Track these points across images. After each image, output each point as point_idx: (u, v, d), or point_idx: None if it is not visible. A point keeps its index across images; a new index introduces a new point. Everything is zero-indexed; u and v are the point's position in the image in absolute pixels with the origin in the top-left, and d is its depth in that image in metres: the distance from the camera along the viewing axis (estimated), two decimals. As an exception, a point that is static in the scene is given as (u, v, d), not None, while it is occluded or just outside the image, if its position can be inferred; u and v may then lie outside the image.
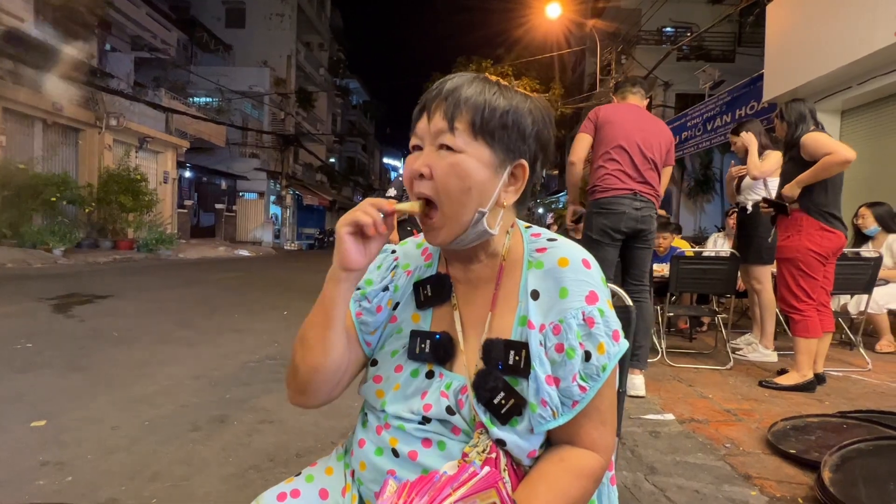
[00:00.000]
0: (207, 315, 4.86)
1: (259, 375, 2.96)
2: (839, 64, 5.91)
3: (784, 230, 2.87)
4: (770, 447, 2.00)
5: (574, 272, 0.70)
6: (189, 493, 1.63)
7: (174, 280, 7.88)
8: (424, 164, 0.69)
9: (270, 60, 22.68)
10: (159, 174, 15.37)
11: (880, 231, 3.92)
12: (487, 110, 0.68)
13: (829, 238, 2.74)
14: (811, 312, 2.76)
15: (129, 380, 2.79)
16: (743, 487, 1.71)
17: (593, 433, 0.69)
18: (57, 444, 1.95)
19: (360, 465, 0.77)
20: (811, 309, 2.76)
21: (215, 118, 18.52)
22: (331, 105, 31.66)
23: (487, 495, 0.58)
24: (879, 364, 3.37)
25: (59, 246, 9.80)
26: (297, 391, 0.76)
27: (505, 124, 0.69)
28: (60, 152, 12.07)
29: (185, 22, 19.61)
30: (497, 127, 0.69)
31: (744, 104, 9.27)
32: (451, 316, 0.77)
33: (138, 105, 13.74)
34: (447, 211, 0.69)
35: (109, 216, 12.16)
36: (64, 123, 11.99)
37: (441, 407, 0.71)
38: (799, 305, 2.78)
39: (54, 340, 3.63)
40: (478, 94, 0.69)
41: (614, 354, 0.68)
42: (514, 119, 0.70)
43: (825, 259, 2.77)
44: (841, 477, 1.59)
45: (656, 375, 3.08)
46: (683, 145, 11.83)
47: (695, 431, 2.20)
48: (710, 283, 3.54)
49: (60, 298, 5.38)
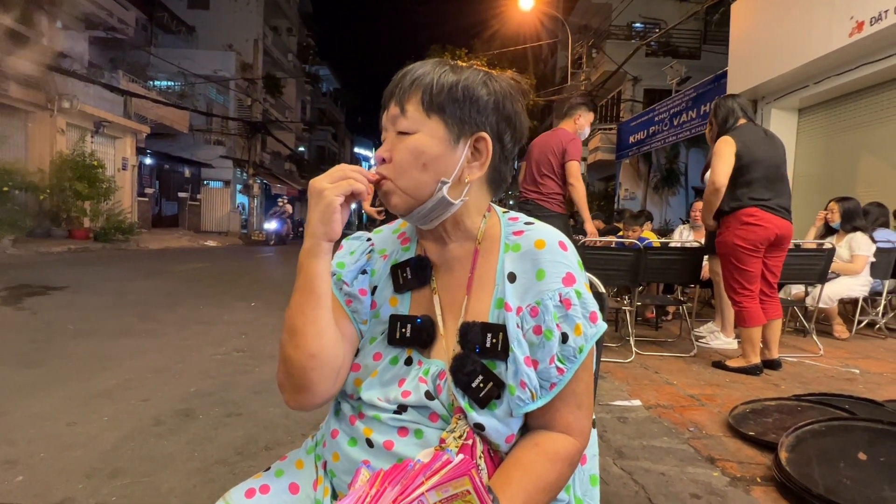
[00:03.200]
0: (170, 307, 4.69)
1: (226, 368, 2.88)
2: (797, 63, 6.16)
3: (719, 227, 2.99)
4: (731, 430, 2.08)
5: (551, 254, 0.70)
6: (152, 489, 1.57)
7: (134, 271, 7.56)
8: (385, 150, 0.72)
9: (236, 44, 21.86)
10: (118, 160, 14.64)
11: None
12: (436, 87, 0.70)
13: (752, 230, 2.78)
14: (748, 303, 2.87)
15: (87, 374, 2.66)
16: (706, 469, 1.78)
17: (569, 417, 0.69)
18: (5, 443, 1.84)
19: (333, 457, 0.75)
20: (748, 299, 2.87)
21: (178, 103, 17.75)
22: (300, 92, 30.86)
23: (461, 483, 0.57)
24: (830, 350, 3.56)
25: (7, 235, 9.25)
26: (294, 389, 0.70)
27: (455, 98, 0.70)
28: (9, 136, 11.34)
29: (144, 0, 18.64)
30: (447, 101, 0.70)
31: (708, 100, 9.55)
32: (430, 299, 0.76)
33: (93, 87, 13.00)
34: (402, 185, 0.70)
35: (63, 204, 11.50)
36: (11, 105, 11.25)
37: (420, 393, 0.70)
38: (736, 297, 2.91)
39: (3, 334, 3.43)
40: (426, 74, 0.71)
41: (591, 336, 0.68)
42: (464, 91, 0.70)
43: (754, 251, 2.81)
44: (796, 456, 1.67)
45: (624, 364, 3.16)
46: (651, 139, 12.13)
47: (660, 416, 2.27)
48: (675, 273, 3.64)
49: (9, 290, 5.08)
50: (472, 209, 0.75)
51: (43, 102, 11.81)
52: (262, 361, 3.02)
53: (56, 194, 11.36)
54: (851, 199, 4.11)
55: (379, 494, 0.60)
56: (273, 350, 3.30)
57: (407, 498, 0.57)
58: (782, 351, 3.52)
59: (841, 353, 3.56)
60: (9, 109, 11.35)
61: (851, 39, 5.34)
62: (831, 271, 3.67)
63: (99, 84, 13.07)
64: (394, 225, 0.87)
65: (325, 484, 0.76)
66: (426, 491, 0.57)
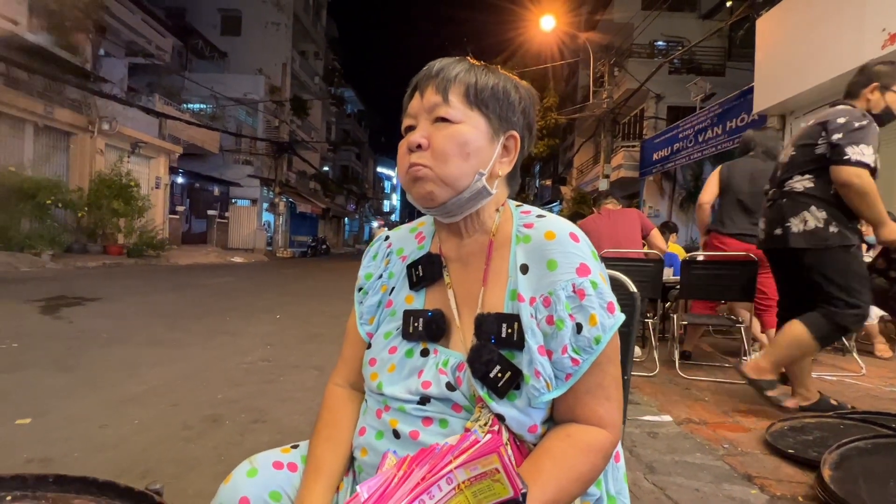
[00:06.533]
0: (198, 318, 4.79)
1: (252, 377, 2.91)
2: (827, 77, 6.03)
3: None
4: (768, 447, 1.99)
5: (561, 245, 0.69)
6: (180, 490, 1.59)
7: (164, 284, 7.78)
8: (422, 136, 0.70)
9: (266, 68, 22.69)
10: (151, 179, 15.23)
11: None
12: (479, 83, 0.72)
13: (716, 249, 3.30)
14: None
15: (118, 380, 2.73)
16: (743, 486, 1.70)
17: (599, 409, 0.68)
18: (43, 442, 1.89)
19: (362, 452, 0.75)
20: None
21: (209, 124, 18.44)
22: (325, 113, 31.71)
23: (489, 461, 0.56)
24: (872, 369, 3.39)
25: (47, 250, 9.66)
26: None
27: (496, 96, 0.73)
28: (51, 156, 11.94)
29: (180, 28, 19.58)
30: (489, 98, 0.72)
31: (735, 116, 9.42)
32: (444, 294, 0.76)
33: (131, 110, 13.65)
34: (442, 172, 0.69)
35: (100, 221, 12.00)
36: (56, 127, 11.88)
37: (441, 384, 0.70)
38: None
39: (41, 341, 3.55)
40: (467, 71, 0.72)
41: (609, 327, 0.67)
42: (503, 91, 0.73)
43: None
44: (841, 475, 1.58)
45: (652, 378, 3.07)
46: (675, 156, 11.99)
47: (693, 432, 2.19)
48: (724, 289, 3.24)
49: (48, 300, 5.28)
50: (491, 203, 0.76)
51: (84, 125, 12.44)
52: (287, 371, 3.05)
53: (94, 212, 11.85)
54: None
55: (406, 475, 0.60)
56: (297, 360, 3.33)
57: (435, 476, 0.57)
58: (821, 370, 3.38)
59: (884, 371, 3.39)
60: (53, 131, 11.98)
61: (884, 51, 5.21)
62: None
63: (136, 107, 13.71)
64: (412, 224, 0.88)
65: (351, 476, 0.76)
66: (454, 469, 0.56)
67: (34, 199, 10.02)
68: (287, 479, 0.74)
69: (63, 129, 12.14)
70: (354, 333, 0.83)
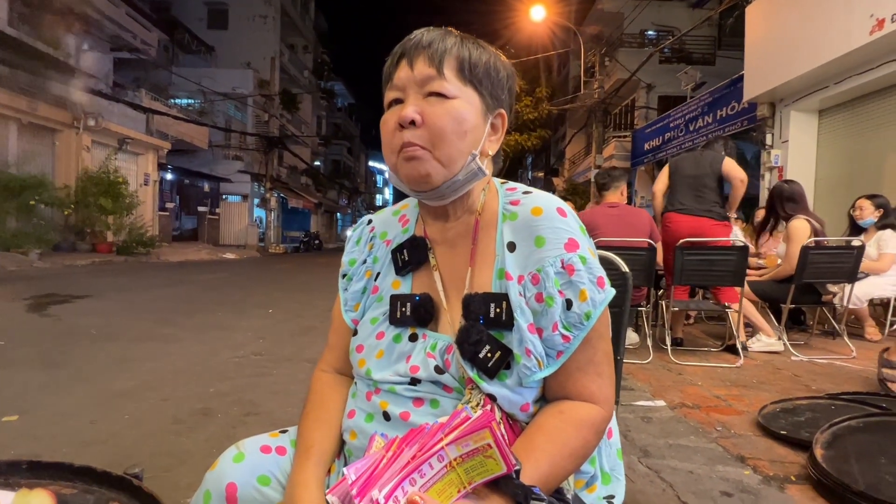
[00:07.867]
0: (190, 313, 4.74)
1: (244, 370, 2.89)
2: (816, 64, 6.06)
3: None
4: (761, 429, 2.00)
5: (549, 220, 0.68)
6: (172, 483, 1.57)
7: (155, 281, 7.70)
8: (415, 111, 0.65)
9: (254, 62, 22.39)
10: (140, 176, 15.03)
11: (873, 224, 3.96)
12: (473, 58, 0.69)
13: (665, 228, 3.68)
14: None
15: (108, 375, 2.70)
16: (736, 467, 1.71)
17: (591, 386, 0.67)
18: (30, 438, 1.86)
19: (351, 435, 0.73)
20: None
21: (198, 120, 18.23)
22: (315, 108, 31.43)
23: (481, 436, 0.54)
24: (862, 351, 3.42)
25: (34, 249, 9.52)
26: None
27: (489, 73, 0.70)
28: (37, 154, 11.73)
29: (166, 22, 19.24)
30: (483, 74, 0.69)
31: (725, 105, 9.45)
32: (431, 278, 0.74)
33: (118, 106, 13.44)
34: (440, 153, 0.66)
35: (88, 219, 11.83)
36: (40, 124, 11.67)
37: (429, 368, 0.68)
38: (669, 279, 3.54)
39: (29, 338, 3.50)
40: (459, 45, 0.69)
41: (599, 302, 0.65)
42: (494, 68, 0.71)
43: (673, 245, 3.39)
44: (833, 453, 1.59)
45: (645, 365, 3.08)
46: (667, 146, 12.02)
47: (686, 416, 2.20)
48: (717, 275, 3.31)
49: (36, 299, 5.21)
50: (479, 183, 0.73)
51: (69, 121, 12.22)
52: (280, 364, 3.03)
53: (81, 209, 11.69)
54: (881, 196, 3.99)
55: (395, 455, 0.58)
56: (290, 353, 3.31)
57: (425, 454, 0.55)
58: (812, 353, 3.42)
59: (874, 353, 3.39)
60: (37, 128, 11.76)
61: (872, 37, 5.23)
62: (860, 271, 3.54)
63: (123, 102, 13.51)
64: (395, 206, 0.85)
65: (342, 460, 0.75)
66: (445, 445, 0.55)
67: (19, 197, 9.85)
68: (275, 463, 0.72)
69: (48, 126, 11.93)
70: (339, 321, 0.81)
